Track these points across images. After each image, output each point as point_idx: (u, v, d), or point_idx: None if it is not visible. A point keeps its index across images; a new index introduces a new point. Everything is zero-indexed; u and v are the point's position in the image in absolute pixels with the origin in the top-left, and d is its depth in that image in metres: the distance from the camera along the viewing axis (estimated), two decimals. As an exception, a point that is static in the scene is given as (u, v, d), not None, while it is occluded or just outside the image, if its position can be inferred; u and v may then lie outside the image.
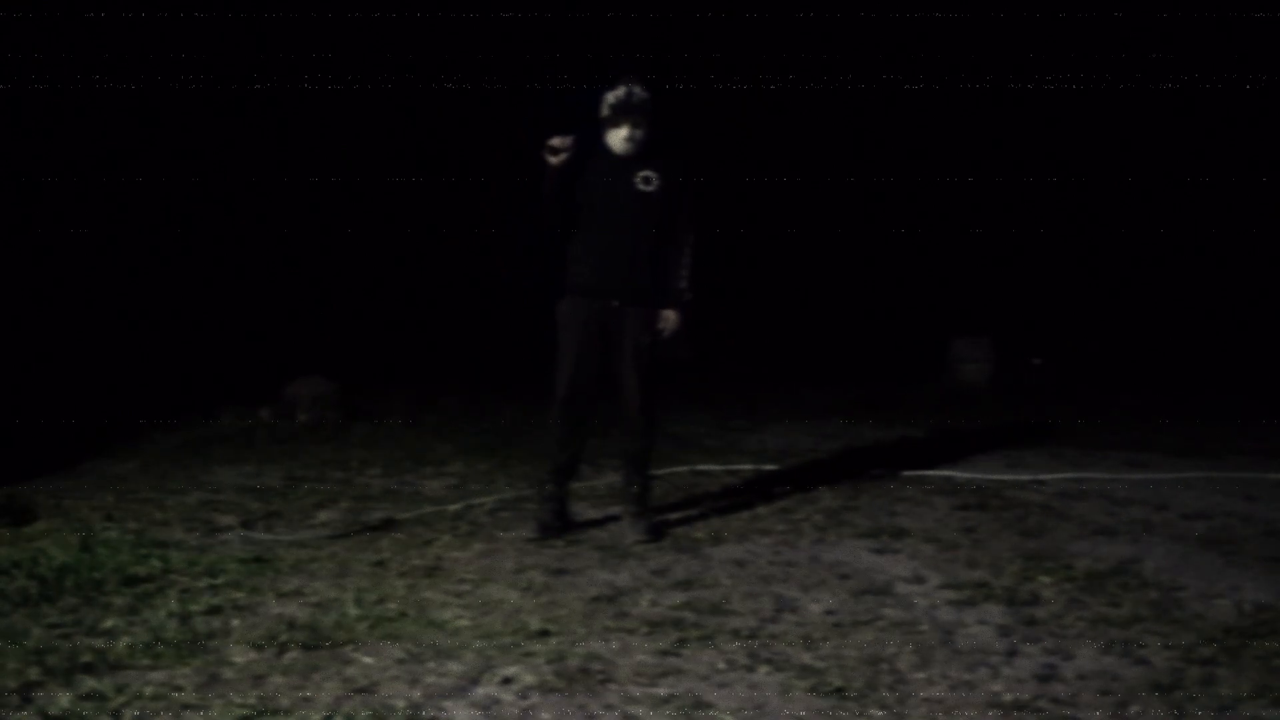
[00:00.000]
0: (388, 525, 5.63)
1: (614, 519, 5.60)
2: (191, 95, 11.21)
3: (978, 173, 12.90)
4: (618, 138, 5.31)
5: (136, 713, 3.31)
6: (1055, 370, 11.12)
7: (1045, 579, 4.64)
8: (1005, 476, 6.64)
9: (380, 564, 4.90)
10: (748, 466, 7.03)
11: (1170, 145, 12.32)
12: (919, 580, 4.67)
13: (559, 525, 5.44)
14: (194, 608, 4.25)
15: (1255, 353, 11.11)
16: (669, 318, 5.35)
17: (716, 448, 7.75)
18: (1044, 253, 12.83)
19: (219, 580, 4.61)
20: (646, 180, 5.31)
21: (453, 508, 5.98)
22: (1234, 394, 9.95)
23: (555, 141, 5.14)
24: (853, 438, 8.10)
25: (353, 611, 4.20)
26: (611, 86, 5.33)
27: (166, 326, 10.66)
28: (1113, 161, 12.63)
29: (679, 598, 4.44)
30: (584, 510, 5.82)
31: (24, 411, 7.80)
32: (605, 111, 5.32)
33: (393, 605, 4.29)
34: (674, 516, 5.73)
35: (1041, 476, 6.63)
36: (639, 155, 5.32)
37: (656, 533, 5.37)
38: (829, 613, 4.27)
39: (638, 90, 5.30)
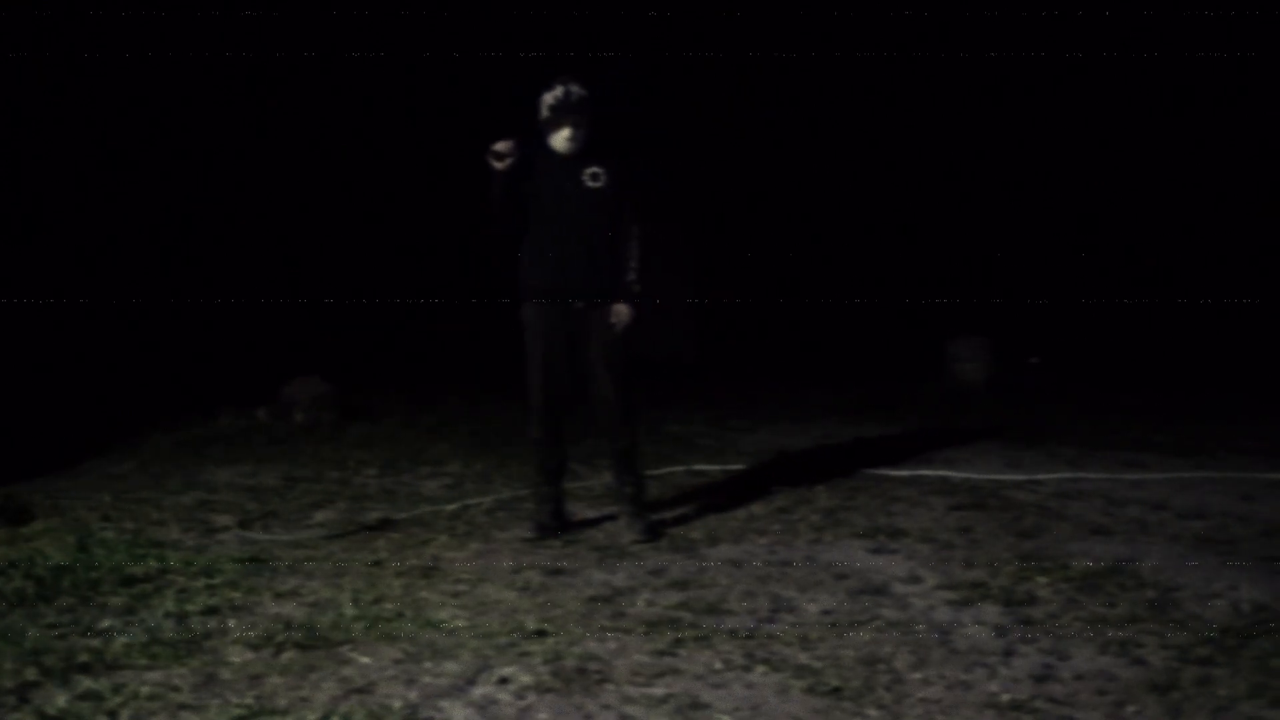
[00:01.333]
0: (385, 525, 5.63)
1: (611, 519, 5.60)
2: (191, 94, 11.21)
3: (975, 172, 12.90)
4: (560, 138, 5.29)
5: (133, 713, 3.32)
6: (1053, 370, 11.12)
7: (1042, 579, 4.64)
8: (1002, 476, 6.63)
9: (377, 564, 4.90)
10: (745, 466, 7.02)
11: (1169, 144, 12.32)
12: (916, 580, 4.67)
13: (556, 525, 5.45)
14: (191, 608, 4.26)
15: (1255, 352, 11.10)
16: (620, 312, 5.34)
17: (714, 448, 7.75)
18: (1042, 252, 12.82)
19: (216, 580, 4.62)
20: (594, 177, 5.31)
21: (450, 508, 5.98)
22: (1233, 394, 9.94)
23: (499, 146, 5.12)
24: (850, 438, 8.09)
25: (349, 611, 4.20)
26: (549, 87, 5.29)
27: (165, 327, 10.66)
28: (1111, 160, 12.63)
29: (676, 598, 4.44)
30: (581, 510, 5.82)
31: (23, 411, 7.81)
32: (545, 113, 5.29)
33: (390, 605, 4.30)
34: (671, 516, 5.73)
35: (1038, 476, 6.63)
36: (583, 153, 5.31)
37: (654, 533, 5.37)
38: (826, 613, 4.27)
39: (575, 89, 5.27)
